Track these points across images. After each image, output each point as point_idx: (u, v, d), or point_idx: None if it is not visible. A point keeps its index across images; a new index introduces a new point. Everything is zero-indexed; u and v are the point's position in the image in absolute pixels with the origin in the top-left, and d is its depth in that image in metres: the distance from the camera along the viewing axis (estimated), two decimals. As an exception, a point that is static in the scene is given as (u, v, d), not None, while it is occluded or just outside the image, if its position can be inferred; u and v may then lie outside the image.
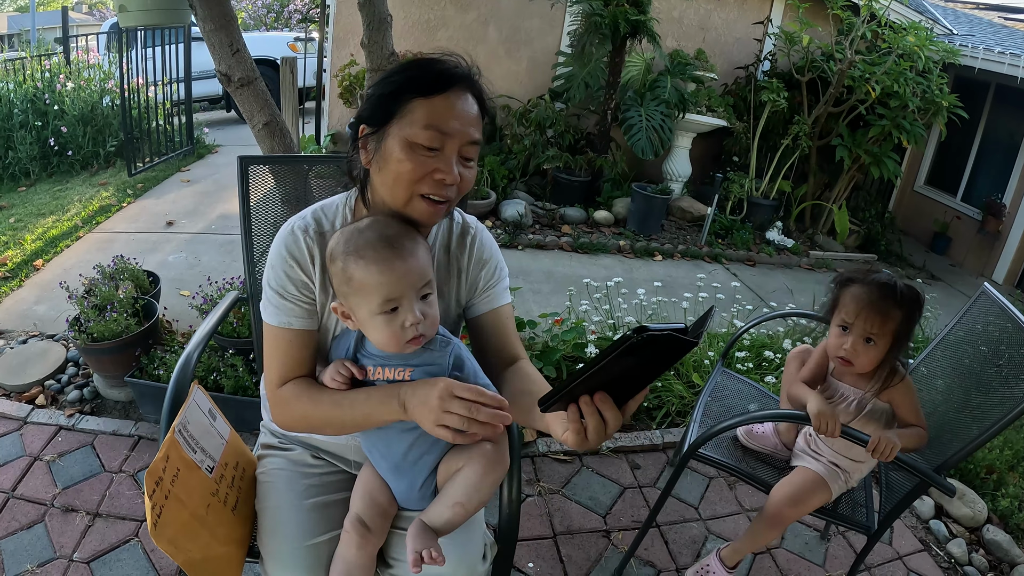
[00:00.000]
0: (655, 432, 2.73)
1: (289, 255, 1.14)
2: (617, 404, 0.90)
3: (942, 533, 2.39)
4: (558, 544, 2.15)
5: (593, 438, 0.90)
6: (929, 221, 7.11)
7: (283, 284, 1.14)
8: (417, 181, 1.07)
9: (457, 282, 1.28)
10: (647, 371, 0.88)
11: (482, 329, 1.29)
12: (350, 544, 1.14)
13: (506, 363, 1.26)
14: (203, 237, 4.49)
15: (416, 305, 1.06)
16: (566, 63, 6.11)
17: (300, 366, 1.17)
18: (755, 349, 3.20)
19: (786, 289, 4.76)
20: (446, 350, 1.12)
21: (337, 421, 1.12)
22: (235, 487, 1.29)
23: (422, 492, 1.16)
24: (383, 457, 1.19)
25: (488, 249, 1.29)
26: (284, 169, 1.83)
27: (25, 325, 3.22)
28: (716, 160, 6.68)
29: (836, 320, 1.65)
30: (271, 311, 1.16)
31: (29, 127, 5.91)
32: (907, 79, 5.60)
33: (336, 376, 1.12)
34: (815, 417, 1.54)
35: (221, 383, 2.46)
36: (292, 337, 1.15)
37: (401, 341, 1.06)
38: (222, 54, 2.33)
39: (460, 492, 1.09)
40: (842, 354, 1.63)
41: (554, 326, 3.09)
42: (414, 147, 1.05)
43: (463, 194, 1.14)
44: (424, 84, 1.06)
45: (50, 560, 1.97)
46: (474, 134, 1.09)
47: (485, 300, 1.28)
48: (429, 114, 1.05)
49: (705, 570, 1.90)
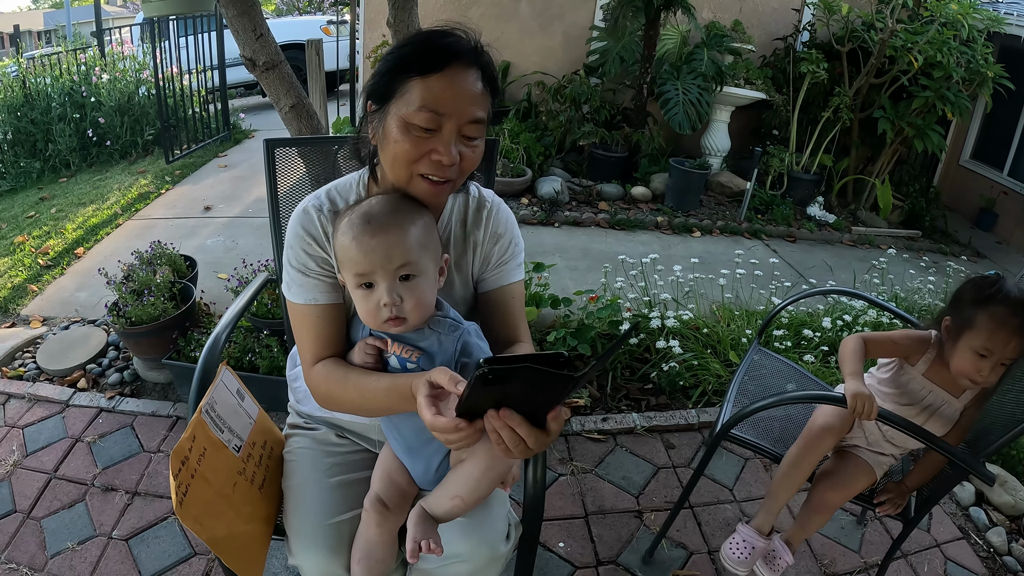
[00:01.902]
0: (691, 411, 2.68)
1: (306, 232, 1.14)
2: (537, 420, 0.89)
3: (982, 521, 2.30)
4: (589, 524, 2.14)
5: (515, 451, 0.89)
6: (975, 197, 6.84)
7: (304, 262, 1.14)
8: (414, 162, 1.05)
9: (472, 256, 1.25)
10: (549, 394, 0.87)
11: (489, 305, 1.26)
12: (370, 523, 1.15)
13: (507, 343, 1.24)
14: (240, 221, 4.54)
15: (391, 285, 1.05)
16: (600, 37, 6.00)
17: (332, 342, 1.17)
18: (794, 327, 3.12)
19: (826, 266, 4.63)
20: (453, 335, 1.10)
21: (363, 409, 1.12)
22: (263, 466, 1.29)
23: (438, 474, 1.14)
24: (396, 440, 1.19)
25: (504, 224, 1.26)
26: (312, 151, 1.82)
27: (67, 312, 3.30)
28: (755, 134, 6.51)
29: (971, 344, 1.48)
30: (295, 290, 1.16)
31: (68, 119, 6.05)
32: (951, 48, 5.37)
33: (366, 358, 1.12)
34: (851, 398, 1.48)
35: (256, 363, 2.48)
36: (320, 313, 1.15)
37: (378, 319, 1.07)
38: (246, 39, 2.33)
39: (460, 486, 1.08)
40: (979, 380, 1.49)
41: (589, 303, 3.05)
42: (410, 128, 1.03)
43: (467, 173, 1.11)
44: (420, 62, 1.03)
45: (90, 538, 2.03)
46: (475, 112, 1.05)
47: (496, 276, 1.25)
48: (424, 95, 1.02)
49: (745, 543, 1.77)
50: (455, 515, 1.09)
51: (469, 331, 1.11)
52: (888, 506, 1.69)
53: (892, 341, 1.67)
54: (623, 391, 2.79)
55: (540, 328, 3.05)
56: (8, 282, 3.59)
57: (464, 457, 1.09)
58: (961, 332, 1.51)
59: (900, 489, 1.71)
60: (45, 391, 2.64)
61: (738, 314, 3.21)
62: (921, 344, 1.63)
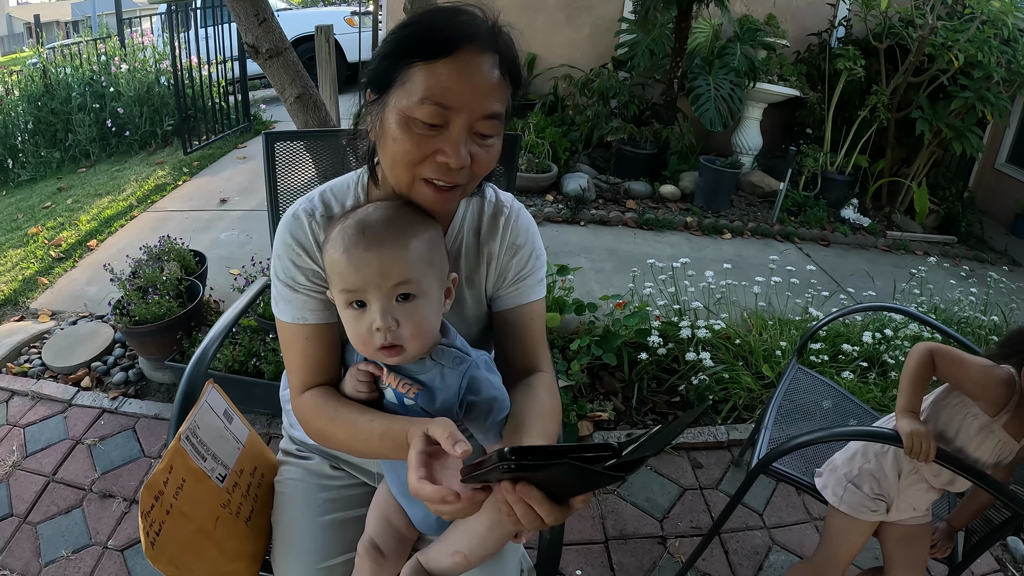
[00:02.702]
0: (719, 428, 2.53)
1: (295, 241, 0.99)
2: (559, 498, 0.73)
3: (1019, 552, 2.15)
4: (609, 550, 2.00)
5: (528, 525, 0.74)
6: (1011, 201, 6.57)
7: (291, 275, 1.00)
8: (416, 164, 0.88)
9: (487, 269, 1.09)
10: (583, 483, 0.71)
11: (504, 327, 1.10)
12: (363, 571, 1.01)
13: (523, 372, 1.08)
14: (256, 214, 4.44)
15: (386, 306, 0.89)
16: (629, 30, 5.83)
17: (322, 368, 1.02)
18: (830, 339, 2.94)
19: (862, 273, 4.43)
20: (459, 368, 0.94)
21: (355, 451, 0.97)
22: (250, 496, 1.17)
23: (440, 520, 1.01)
24: (395, 482, 1.05)
25: (523, 233, 1.09)
26: (319, 145, 1.71)
27: (76, 306, 3.23)
28: (787, 132, 6.31)
29: None
30: (283, 306, 1.01)
31: (87, 110, 6.02)
32: (991, 48, 5.15)
33: (359, 386, 0.98)
34: (907, 437, 1.31)
35: (262, 368, 2.38)
36: (309, 334, 1.01)
37: (371, 346, 0.91)
38: (248, 24, 2.20)
39: (463, 541, 0.94)
40: None
41: (616, 309, 2.90)
42: (411, 123, 0.86)
43: (479, 177, 0.94)
44: (425, 44, 0.85)
45: (85, 547, 1.96)
46: (491, 106, 0.87)
47: (513, 293, 1.09)
48: (429, 84, 0.84)
49: None
50: (455, 573, 0.95)
51: (478, 363, 0.96)
52: (935, 551, 1.55)
53: (964, 369, 1.38)
54: (649, 404, 2.64)
55: (563, 335, 2.91)
56: (19, 274, 3.53)
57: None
58: None
59: (946, 531, 1.57)
60: (49, 389, 2.57)
61: (771, 323, 3.04)
62: (1001, 388, 1.34)
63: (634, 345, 2.79)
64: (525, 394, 1.02)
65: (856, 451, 1.56)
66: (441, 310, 0.96)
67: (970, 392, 1.38)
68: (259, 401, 2.38)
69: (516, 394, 1.02)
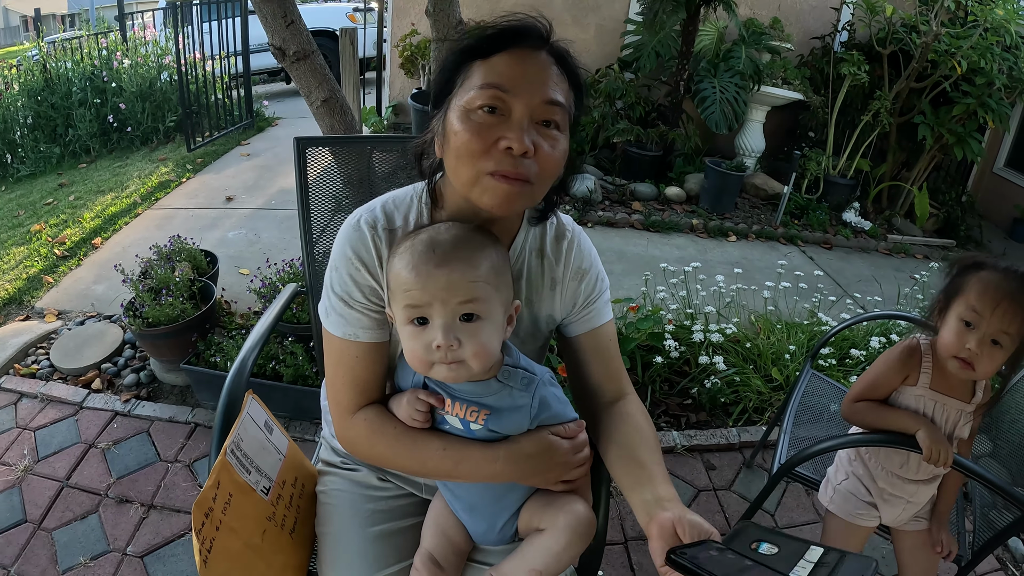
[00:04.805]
0: (731, 430, 2.56)
1: (355, 255, 0.97)
2: None
3: (1020, 552, 2.18)
4: (629, 551, 2.03)
5: None
6: (1009, 206, 6.61)
7: (348, 290, 0.98)
8: (479, 157, 0.86)
9: (551, 295, 1.08)
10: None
11: (581, 354, 1.10)
12: None
13: (609, 399, 1.08)
14: (263, 213, 4.41)
15: (450, 324, 0.88)
16: (635, 31, 5.82)
17: (372, 387, 1.02)
18: (838, 343, 2.97)
19: (868, 277, 4.45)
20: (529, 389, 0.94)
21: (422, 474, 0.99)
22: (293, 507, 1.16)
23: (502, 533, 1.01)
24: (457, 498, 1.04)
25: (587, 257, 1.09)
26: (345, 150, 1.70)
27: (83, 305, 3.20)
28: (789, 135, 6.33)
29: (957, 311, 1.32)
30: (335, 320, 1.00)
31: (88, 105, 5.96)
32: (994, 55, 5.20)
33: (415, 415, 0.96)
34: (928, 447, 1.31)
35: (280, 372, 2.37)
36: (359, 352, 0.99)
37: (427, 364, 0.91)
38: (275, 26, 2.17)
39: (539, 559, 0.94)
40: (964, 355, 1.30)
41: (629, 312, 2.90)
42: (472, 112, 0.86)
43: (548, 176, 0.91)
44: (481, 44, 0.88)
45: (103, 553, 1.93)
46: (550, 93, 0.87)
47: (586, 318, 1.09)
48: (487, 72, 0.86)
49: None
50: None
51: (544, 380, 0.96)
52: (940, 551, 1.56)
53: (880, 373, 1.46)
54: (662, 406, 2.65)
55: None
56: (23, 273, 3.48)
57: (539, 524, 0.96)
58: (950, 302, 1.35)
59: (938, 520, 1.58)
60: (58, 391, 2.53)
61: (779, 327, 3.06)
62: (909, 354, 1.43)
63: (646, 348, 2.79)
64: (627, 424, 1.03)
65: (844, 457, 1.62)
66: (503, 336, 0.95)
67: (895, 382, 1.45)
68: (277, 404, 2.37)
69: (615, 422, 1.04)
